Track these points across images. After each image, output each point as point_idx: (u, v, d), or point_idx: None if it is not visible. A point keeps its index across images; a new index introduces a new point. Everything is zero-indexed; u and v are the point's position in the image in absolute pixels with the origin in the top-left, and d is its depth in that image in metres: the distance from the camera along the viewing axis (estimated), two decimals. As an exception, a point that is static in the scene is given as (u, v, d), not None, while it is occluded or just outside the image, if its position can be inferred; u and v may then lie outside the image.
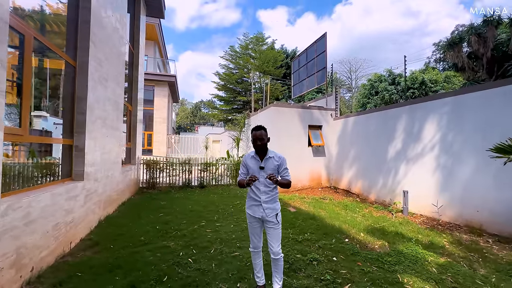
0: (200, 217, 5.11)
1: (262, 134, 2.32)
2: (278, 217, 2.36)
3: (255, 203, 2.37)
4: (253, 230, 2.43)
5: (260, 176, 2.32)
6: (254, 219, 2.40)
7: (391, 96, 17.73)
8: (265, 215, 2.32)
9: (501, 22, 11.88)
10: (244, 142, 11.00)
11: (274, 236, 2.33)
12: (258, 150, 2.36)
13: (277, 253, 2.32)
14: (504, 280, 2.72)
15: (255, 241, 2.44)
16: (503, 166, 3.88)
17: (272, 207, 2.35)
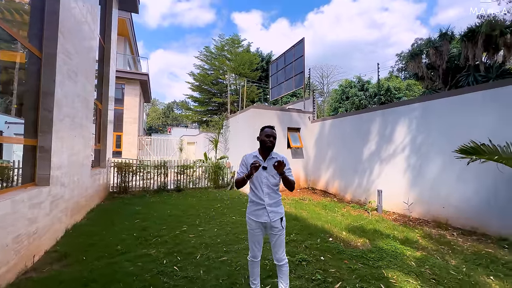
0: (181, 222, 4.88)
1: (274, 133, 2.30)
2: (283, 222, 2.25)
3: (259, 207, 2.23)
4: (254, 238, 2.28)
5: (263, 177, 2.23)
6: (256, 225, 2.25)
7: (360, 101, 18.84)
8: (269, 219, 2.18)
9: (454, 38, 13.33)
10: (222, 144, 10.82)
11: (278, 243, 2.22)
12: (266, 149, 2.28)
13: (281, 260, 2.23)
14: (473, 269, 2.99)
15: (255, 250, 2.29)
16: (466, 166, 4.30)
17: (277, 210, 2.24)
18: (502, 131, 3.99)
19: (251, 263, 2.34)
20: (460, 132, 4.55)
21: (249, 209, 2.33)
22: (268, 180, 2.23)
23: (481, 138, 3.86)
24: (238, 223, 4.86)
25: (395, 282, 2.69)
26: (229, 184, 9.25)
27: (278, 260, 2.24)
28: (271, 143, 2.26)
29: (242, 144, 8.67)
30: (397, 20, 62.04)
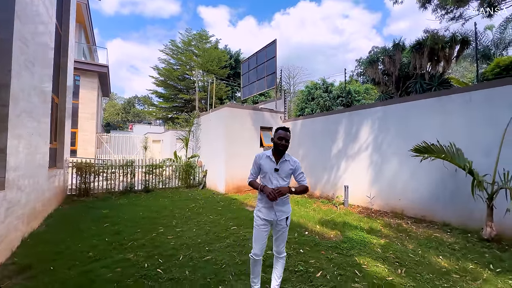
0: (156, 224, 4.70)
1: (287, 135, 2.27)
2: (288, 221, 2.33)
3: (267, 205, 2.28)
4: (260, 234, 2.30)
5: (273, 178, 2.27)
6: (263, 222, 2.30)
7: (325, 102, 19.97)
8: (276, 218, 2.26)
9: (405, 48, 14.95)
10: (192, 142, 10.57)
11: (281, 238, 2.34)
12: (279, 151, 2.28)
13: (281, 252, 2.37)
14: (426, 251, 3.50)
15: (259, 247, 2.30)
16: (418, 163, 4.94)
17: (284, 209, 2.30)
18: (446, 133, 4.68)
19: (252, 261, 2.33)
20: (414, 133, 5.21)
21: (258, 206, 2.37)
22: (278, 181, 2.26)
23: (431, 139, 4.49)
24: (216, 222, 4.87)
25: (367, 267, 3.02)
26: (201, 183, 9.11)
27: (278, 252, 2.37)
28: (283, 146, 2.25)
29: (215, 143, 8.60)
30: (356, 28, 66.94)
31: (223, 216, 5.24)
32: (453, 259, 3.22)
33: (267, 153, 2.36)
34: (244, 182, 8.34)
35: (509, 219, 3.70)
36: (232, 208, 6.02)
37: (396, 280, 2.71)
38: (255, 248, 2.32)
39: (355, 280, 2.72)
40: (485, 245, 3.68)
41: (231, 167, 8.05)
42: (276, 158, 2.30)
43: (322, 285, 2.60)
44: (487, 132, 4.23)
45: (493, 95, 4.24)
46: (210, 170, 8.98)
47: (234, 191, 8.07)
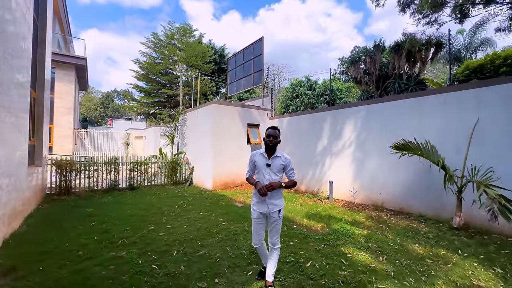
0: (145, 221, 4.68)
1: (275, 133, 2.50)
2: (281, 213, 2.50)
3: (260, 199, 2.46)
4: (256, 227, 2.53)
5: (266, 173, 2.47)
6: (258, 215, 2.50)
7: (309, 99, 20.39)
8: (268, 210, 2.45)
9: (385, 49, 15.61)
10: (178, 139, 10.43)
11: (275, 230, 2.51)
12: (269, 147, 2.48)
13: (275, 244, 2.52)
14: (404, 240, 3.81)
15: (256, 237, 2.55)
16: (396, 159, 5.28)
17: (276, 203, 2.48)
18: (422, 131, 5.05)
19: (257, 248, 2.65)
20: (394, 132, 5.55)
21: (253, 200, 2.57)
22: (270, 176, 2.46)
23: (409, 137, 4.83)
24: (206, 218, 4.93)
25: (352, 256, 3.26)
26: (188, 180, 9.07)
27: (272, 243, 2.53)
28: (271, 142, 2.46)
29: (202, 139, 8.57)
30: (339, 26, 68.45)
31: (212, 212, 5.31)
32: (428, 246, 3.55)
33: (261, 151, 2.58)
34: (231, 179, 8.42)
35: (475, 210, 4.10)
36: (221, 204, 6.09)
37: (379, 267, 2.95)
38: (253, 239, 2.59)
39: (341, 268, 2.93)
40: (455, 233, 4.07)
41: (218, 163, 8.09)
42: (268, 154, 2.51)
43: (312, 274, 2.78)
44: (458, 131, 4.63)
45: (464, 97, 4.64)
46: (197, 167, 8.96)
47: (222, 187, 8.13)
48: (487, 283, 2.63)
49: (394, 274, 2.78)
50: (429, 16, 11.27)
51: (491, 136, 4.23)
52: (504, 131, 4.12)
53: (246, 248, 3.47)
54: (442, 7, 9.97)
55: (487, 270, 2.87)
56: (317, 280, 2.67)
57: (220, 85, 32.26)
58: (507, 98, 4.13)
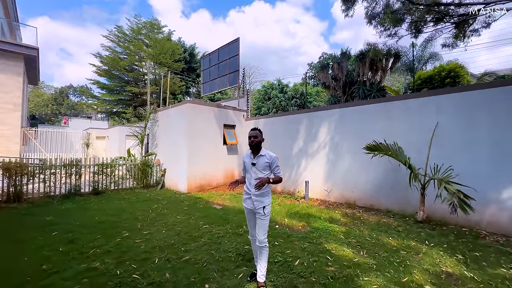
0: (118, 227, 4.31)
1: (255, 133, 2.67)
2: (266, 210, 2.57)
3: (247, 196, 2.66)
4: (248, 221, 2.72)
5: (252, 171, 2.63)
6: (248, 211, 2.68)
7: (280, 102, 20.86)
8: (253, 206, 2.58)
9: (351, 57, 16.71)
10: (149, 139, 9.84)
11: (260, 226, 2.57)
12: (251, 147, 2.66)
13: (261, 242, 2.55)
14: (379, 234, 4.09)
15: (251, 230, 2.71)
16: (367, 159, 5.66)
17: (261, 200, 2.58)
18: (390, 133, 5.49)
19: (251, 241, 2.76)
20: (365, 134, 5.95)
21: (243, 197, 2.74)
22: (256, 174, 2.60)
23: (379, 139, 5.21)
24: (185, 222, 4.72)
25: (335, 252, 3.40)
26: (159, 183, 8.61)
27: (259, 242, 2.56)
28: (253, 142, 2.64)
29: (176, 140, 8.21)
30: (307, 33, 71.46)
31: (191, 216, 5.11)
32: (400, 239, 3.86)
33: (248, 152, 2.78)
34: (207, 181, 8.20)
35: (436, 204, 4.58)
36: (199, 207, 5.89)
37: (361, 261, 3.12)
38: (250, 231, 2.75)
39: (328, 264, 3.04)
40: (420, 226, 4.50)
41: (193, 165, 7.82)
42: (253, 154, 2.69)
43: (302, 272, 2.83)
44: (420, 134, 5.13)
45: (425, 103, 5.17)
46: (170, 169, 8.55)
47: (197, 189, 7.87)
48: (453, 268, 2.95)
49: (376, 267, 2.97)
50: (390, 29, 12.28)
51: (448, 138, 4.78)
52: (458, 134, 4.68)
53: (233, 251, 3.40)
54: (401, 22, 10.98)
55: (451, 257, 3.23)
56: (308, 277, 2.72)
57: (190, 84, 31.38)
58: (460, 106, 4.71)
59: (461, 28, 9.51)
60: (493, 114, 4.35)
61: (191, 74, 31.10)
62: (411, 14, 9.97)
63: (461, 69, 14.28)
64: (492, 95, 4.39)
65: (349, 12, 10.19)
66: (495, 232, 4.17)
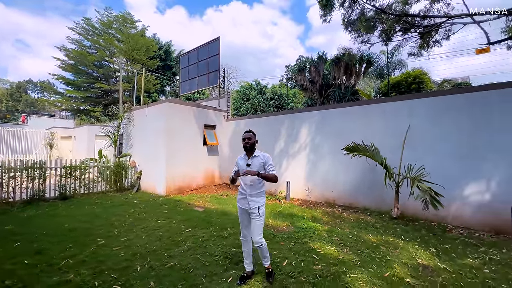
0: (91, 235, 4.00)
1: (249, 135, 2.76)
2: (260, 210, 2.61)
3: (242, 196, 2.69)
4: (241, 219, 2.73)
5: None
6: (242, 211, 2.69)
7: (259, 103, 20.96)
8: (249, 206, 2.61)
9: (327, 61, 17.34)
10: (123, 140, 9.29)
11: (255, 227, 2.59)
12: (246, 149, 2.72)
13: (257, 242, 2.58)
14: (359, 231, 4.27)
15: (244, 231, 2.72)
16: (346, 160, 5.89)
17: (256, 200, 2.63)
18: (368, 135, 5.76)
19: (242, 242, 2.74)
20: (344, 135, 6.18)
21: (237, 198, 2.78)
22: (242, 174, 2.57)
23: (357, 140, 5.45)
24: (167, 226, 4.52)
25: (321, 251, 3.48)
26: (135, 186, 8.17)
27: (255, 242, 2.59)
28: (247, 144, 2.71)
29: (153, 141, 7.85)
30: (284, 36, 72.85)
31: (172, 219, 4.91)
32: (378, 235, 4.07)
33: (243, 154, 2.83)
34: (186, 183, 7.96)
35: (408, 202, 4.90)
36: (180, 210, 5.69)
37: (346, 258, 3.23)
38: (241, 231, 2.75)
39: (315, 263, 3.10)
40: (395, 222, 4.78)
41: (172, 167, 7.53)
42: (248, 155, 2.76)
43: (291, 272, 2.86)
44: (395, 135, 5.46)
45: (399, 107, 5.52)
46: (146, 171, 8.15)
47: (176, 192, 7.60)
48: (428, 261, 3.17)
49: (360, 263, 3.09)
50: (363, 36, 12.90)
51: (420, 140, 5.15)
52: (428, 136, 5.07)
53: (219, 254, 3.33)
54: (374, 30, 11.61)
55: (425, 250, 3.47)
56: (297, 277, 2.75)
57: (166, 83, 30.35)
58: (429, 110, 5.11)
59: (425, 39, 10.32)
60: (457, 119, 4.77)
61: (167, 72, 30.07)
62: (383, 23, 10.59)
63: (424, 76, 15.51)
64: (456, 101, 4.82)
65: (327, 17, 10.58)
66: (459, 226, 4.58)
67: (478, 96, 4.63)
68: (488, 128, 4.46)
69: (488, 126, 4.46)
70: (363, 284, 2.62)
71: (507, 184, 4.22)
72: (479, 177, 4.49)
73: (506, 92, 4.36)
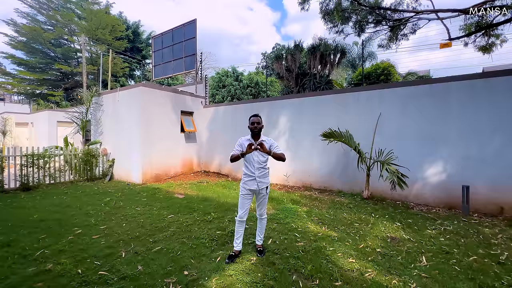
0: (66, 225, 3.80)
1: (258, 119, 2.80)
2: (268, 190, 2.89)
3: (250, 178, 2.79)
4: (244, 201, 2.82)
5: (254, 156, 2.75)
6: (247, 192, 2.80)
7: (235, 90, 20.72)
8: (258, 187, 2.77)
9: (303, 50, 17.54)
10: (92, 126, 8.67)
11: (263, 203, 2.91)
12: (254, 133, 2.78)
13: (263, 214, 2.94)
14: (335, 211, 4.60)
15: (243, 211, 2.83)
16: (322, 145, 6.19)
17: (264, 181, 2.83)
18: (342, 122, 6.08)
19: (238, 223, 2.85)
20: (321, 122, 6.45)
21: (244, 180, 2.86)
22: (258, 158, 2.78)
23: (333, 126, 5.74)
24: (148, 213, 4.44)
25: (302, 229, 3.71)
26: (107, 175, 7.77)
27: (260, 215, 2.93)
28: (256, 128, 2.76)
29: (127, 127, 7.45)
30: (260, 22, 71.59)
31: (152, 207, 4.82)
32: (352, 214, 4.43)
33: (248, 137, 2.86)
34: (164, 170, 7.77)
35: (378, 183, 5.36)
36: (159, 197, 5.58)
37: (325, 234, 3.50)
38: (240, 212, 2.85)
39: (297, 240, 3.31)
40: (366, 202, 5.22)
41: (148, 154, 7.27)
42: (255, 139, 2.81)
43: (276, 249, 3.03)
44: (367, 122, 5.83)
45: (371, 96, 5.89)
46: (120, 159, 7.77)
47: (153, 180, 7.39)
48: (395, 233, 3.56)
49: (337, 238, 3.37)
50: (338, 26, 13.22)
51: (389, 126, 5.58)
52: (395, 123, 5.51)
53: (205, 237, 3.39)
54: (348, 21, 11.95)
55: (392, 225, 3.88)
56: (282, 253, 2.93)
57: (135, 66, 28.49)
58: (397, 99, 5.52)
59: (394, 32, 10.92)
60: (421, 108, 5.24)
61: (136, 55, 28.16)
62: (357, 14, 10.96)
63: (392, 68, 16.50)
64: (421, 91, 5.27)
65: (305, 5, 10.63)
66: (419, 203, 5.15)
67: (439, 87, 5.11)
68: (446, 116, 4.98)
69: (446, 114, 4.98)
70: (341, 256, 2.88)
71: (459, 166, 4.81)
72: (437, 160, 5.04)
73: (462, 84, 4.88)
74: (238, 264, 2.69)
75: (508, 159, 4.40)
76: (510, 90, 4.45)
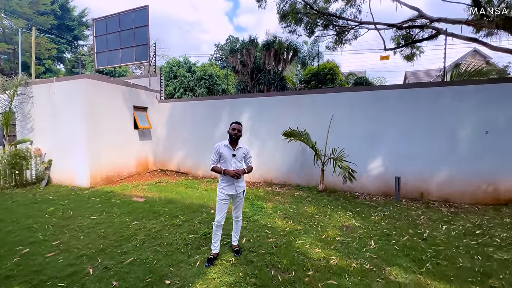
0: (9, 243, 3.27)
1: (239, 127, 2.96)
2: (244, 193, 3.10)
3: (229, 183, 2.95)
4: (223, 206, 2.96)
5: (232, 162, 2.92)
6: (226, 196, 2.95)
7: (188, 82, 19.83)
8: (236, 192, 2.97)
9: (258, 45, 17.80)
10: (19, 122, 7.27)
11: (239, 206, 3.11)
12: (234, 140, 2.93)
13: (239, 216, 3.14)
14: (296, 205, 5.04)
15: (221, 216, 2.95)
16: (282, 144, 6.61)
17: (241, 185, 3.04)
18: (300, 122, 6.57)
19: (216, 227, 2.97)
20: (281, 121, 6.83)
21: (222, 185, 2.99)
22: (236, 164, 2.95)
23: (292, 126, 6.17)
24: (107, 222, 4.10)
25: (271, 225, 3.99)
26: (43, 179, 6.73)
27: (236, 217, 3.13)
28: (236, 135, 2.92)
29: (67, 123, 6.51)
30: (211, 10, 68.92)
31: (111, 214, 4.46)
32: (312, 207, 4.94)
33: (225, 142, 3.00)
34: (116, 171, 7.12)
35: (331, 177, 6.04)
36: (116, 202, 5.16)
37: (291, 228, 3.86)
38: (218, 217, 2.97)
39: (269, 237, 3.58)
40: (321, 195, 5.84)
41: (96, 154, 6.55)
42: (232, 146, 2.97)
43: (251, 247, 3.23)
44: (322, 123, 6.43)
45: (326, 98, 6.50)
46: (59, 160, 6.79)
47: (104, 182, 6.72)
48: (348, 222, 4.16)
49: (303, 231, 3.77)
50: (291, 26, 13.83)
51: (341, 126, 6.28)
52: (347, 123, 6.24)
53: (179, 242, 3.37)
54: (301, 22, 12.64)
55: (345, 214, 4.50)
56: (257, 251, 3.15)
57: (65, 48, 24.50)
58: (348, 102, 6.25)
59: (339, 36, 12.06)
60: (365, 110, 6.06)
61: (66, 34, 24.22)
62: (308, 17, 11.68)
63: (337, 68, 18.16)
64: (366, 96, 6.08)
65: (262, 4, 10.82)
66: (364, 193, 6.03)
67: (378, 94, 5.99)
68: (385, 119, 5.89)
69: (385, 117, 5.89)
70: (309, 247, 3.26)
71: (394, 161, 5.79)
72: (377, 156, 5.96)
73: (395, 93, 5.83)
74: (218, 266, 2.80)
75: (426, 156, 5.50)
76: (430, 99, 5.52)
